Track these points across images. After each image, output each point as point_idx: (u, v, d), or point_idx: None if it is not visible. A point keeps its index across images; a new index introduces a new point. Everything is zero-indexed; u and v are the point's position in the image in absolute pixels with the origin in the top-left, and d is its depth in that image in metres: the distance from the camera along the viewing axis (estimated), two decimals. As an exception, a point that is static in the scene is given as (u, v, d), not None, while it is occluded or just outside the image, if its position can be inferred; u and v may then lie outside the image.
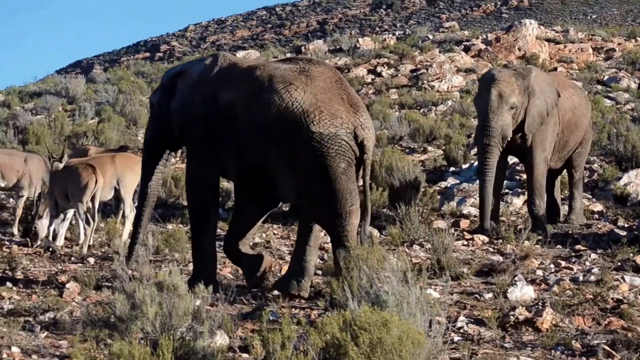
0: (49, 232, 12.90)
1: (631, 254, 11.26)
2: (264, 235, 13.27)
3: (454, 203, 15.48)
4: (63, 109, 29.78)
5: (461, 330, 7.99)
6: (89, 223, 12.48)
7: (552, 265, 10.99)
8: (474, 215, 14.51)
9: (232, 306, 8.92)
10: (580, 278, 10.03)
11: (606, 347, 7.36)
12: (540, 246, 12.13)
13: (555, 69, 31.38)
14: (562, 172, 14.85)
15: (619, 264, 10.89)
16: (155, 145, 10.58)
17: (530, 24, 34.95)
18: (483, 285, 9.94)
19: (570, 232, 13.32)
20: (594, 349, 7.41)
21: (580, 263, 11.17)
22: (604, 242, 12.47)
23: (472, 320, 8.29)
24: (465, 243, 12.57)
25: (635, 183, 16.01)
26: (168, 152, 10.82)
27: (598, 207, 15.22)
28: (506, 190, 15.84)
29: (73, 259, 11.97)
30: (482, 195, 13.29)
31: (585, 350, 7.44)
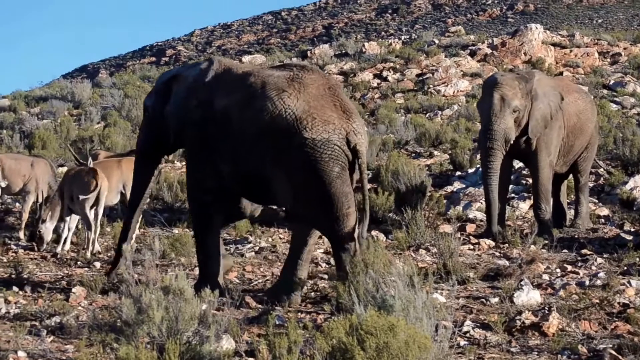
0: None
1: (637, 259, 11.23)
2: (270, 239, 13.27)
3: (460, 207, 15.46)
4: (69, 113, 29.87)
5: (467, 335, 7.98)
6: (89, 227, 12.49)
7: (559, 270, 10.97)
8: (480, 220, 14.50)
9: (239, 310, 8.92)
10: (587, 282, 10.00)
11: (612, 352, 7.34)
12: (547, 250, 12.11)
13: (561, 74, 31.42)
14: (568, 177, 14.83)
15: (625, 268, 10.85)
16: (149, 149, 10.59)
17: (536, 28, 35.02)
18: (489, 289, 9.93)
19: (576, 237, 13.31)
20: (600, 353, 7.39)
21: (587, 267, 11.14)
22: (610, 247, 12.44)
23: (479, 324, 8.28)
24: (472, 247, 12.56)
25: (642, 187, 16.01)
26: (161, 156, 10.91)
27: (604, 212, 15.21)
28: (512, 195, 15.83)
29: (79, 263, 11.99)
30: (488, 199, 13.27)
31: (592, 355, 7.42)
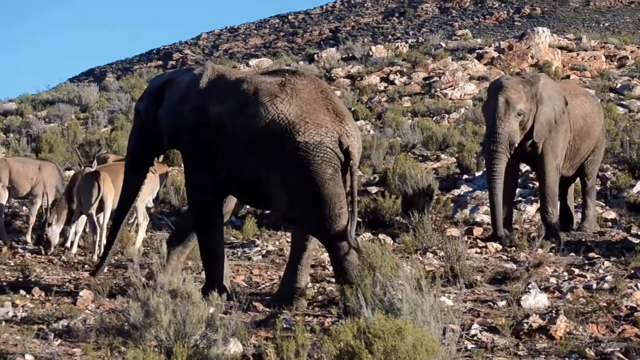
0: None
1: (644, 262, 11.24)
2: (277, 243, 13.27)
3: (467, 211, 15.45)
4: (76, 117, 29.94)
5: (475, 338, 7.97)
6: (96, 231, 12.51)
7: (566, 273, 10.96)
8: (487, 223, 14.48)
9: (246, 314, 8.93)
10: (594, 286, 9.99)
11: (620, 355, 7.34)
12: (554, 254, 12.10)
13: (568, 77, 31.42)
14: (575, 180, 14.82)
15: (633, 271, 10.84)
16: (140, 153, 10.61)
17: (543, 31, 35.00)
18: (496, 292, 9.92)
19: (583, 240, 13.29)
20: (607, 356, 7.38)
21: (594, 271, 11.13)
22: (618, 250, 12.43)
23: (486, 327, 8.28)
24: (479, 251, 12.56)
25: (649, 190, 16.00)
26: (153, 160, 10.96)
27: (611, 215, 15.19)
28: (519, 198, 15.82)
29: (86, 266, 12.00)
30: (493, 203, 13.25)
31: (599, 358, 7.41)
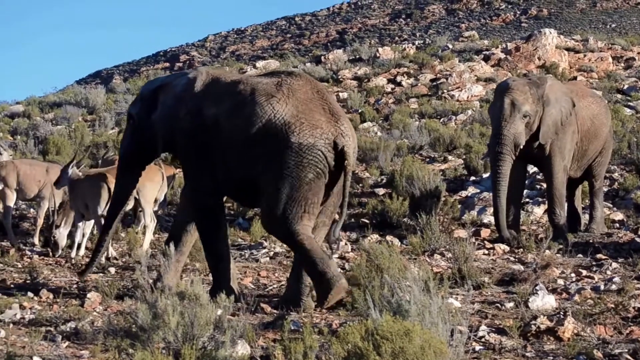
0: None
1: (652, 263, 11.22)
2: (284, 244, 13.24)
3: (474, 212, 15.44)
4: (83, 119, 29.93)
5: (483, 340, 7.96)
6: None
7: (573, 275, 10.95)
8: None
9: (254, 316, 8.93)
10: (602, 287, 9.98)
11: (628, 357, 7.32)
12: (561, 255, 12.09)
13: (575, 78, 31.36)
14: (583, 182, 14.79)
15: (640, 273, 10.85)
16: (133, 157, 10.61)
17: (550, 33, 34.91)
18: (504, 294, 9.91)
19: (591, 241, 13.26)
20: (615, 358, 7.37)
21: (602, 272, 11.12)
22: (625, 251, 12.40)
23: (494, 329, 8.27)
24: (486, 252, 12.55)
25: (656, 192, 15.96)
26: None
27: (619, 216, 15.16)
28: (527, 200, 15.80)
29: (94, 268, 12.00)
30: (496, 204, 13.22)
31: (607, 360, 7.42)
